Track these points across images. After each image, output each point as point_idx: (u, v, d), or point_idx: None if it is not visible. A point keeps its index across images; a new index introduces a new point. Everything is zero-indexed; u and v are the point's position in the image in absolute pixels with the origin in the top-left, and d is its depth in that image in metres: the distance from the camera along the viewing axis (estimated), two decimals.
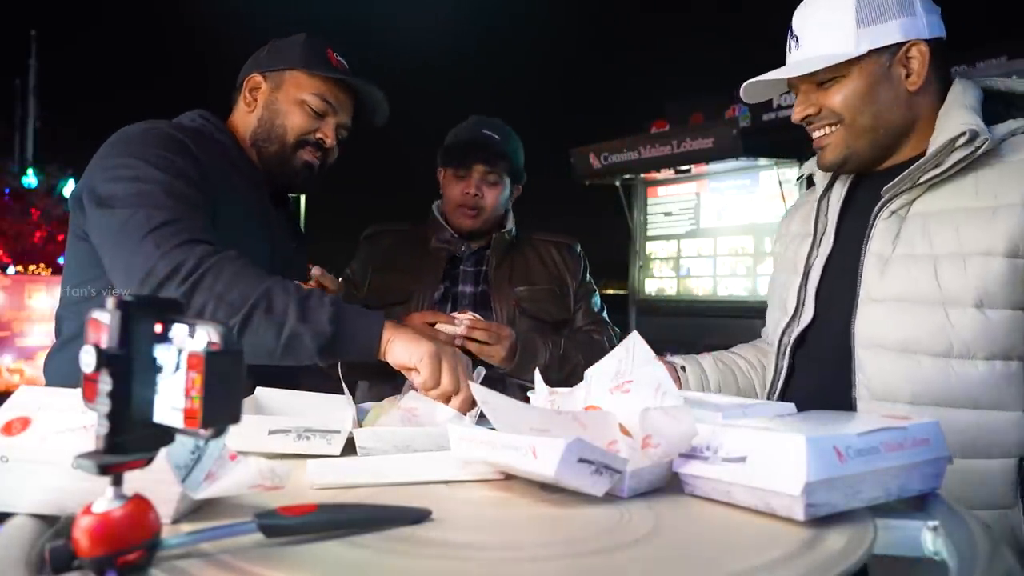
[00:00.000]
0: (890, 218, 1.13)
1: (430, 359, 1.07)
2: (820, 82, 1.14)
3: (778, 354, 1.25)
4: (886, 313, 1.09)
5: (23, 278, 7.42)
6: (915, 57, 1.10)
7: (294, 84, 1.43)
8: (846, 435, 0.67)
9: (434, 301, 1.75)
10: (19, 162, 10.96)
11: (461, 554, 0.58)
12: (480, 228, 1.81)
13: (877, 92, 1.11)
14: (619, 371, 0.87)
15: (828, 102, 1.14)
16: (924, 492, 0.73)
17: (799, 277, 1.23)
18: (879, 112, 1.12)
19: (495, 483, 0.78)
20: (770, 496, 0.66)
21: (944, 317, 1.05)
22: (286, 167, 1.44)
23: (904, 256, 1.09)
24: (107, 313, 0.48)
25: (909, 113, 1.13)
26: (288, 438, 0.92)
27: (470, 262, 1.83)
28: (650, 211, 8.48)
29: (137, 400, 0.48)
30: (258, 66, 1.48)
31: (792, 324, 1.23)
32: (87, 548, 0.48)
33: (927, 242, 1.08)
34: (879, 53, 1.10)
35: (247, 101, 1.47)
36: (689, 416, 0.73)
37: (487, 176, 1.77)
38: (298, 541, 0.58)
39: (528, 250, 1.88)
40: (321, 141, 1.44)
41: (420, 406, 1.07)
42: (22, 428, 0.66)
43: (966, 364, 1.04)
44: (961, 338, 1.04)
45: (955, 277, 1.04)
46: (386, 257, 1.86)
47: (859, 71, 1.11)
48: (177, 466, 0.63)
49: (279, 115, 1.43)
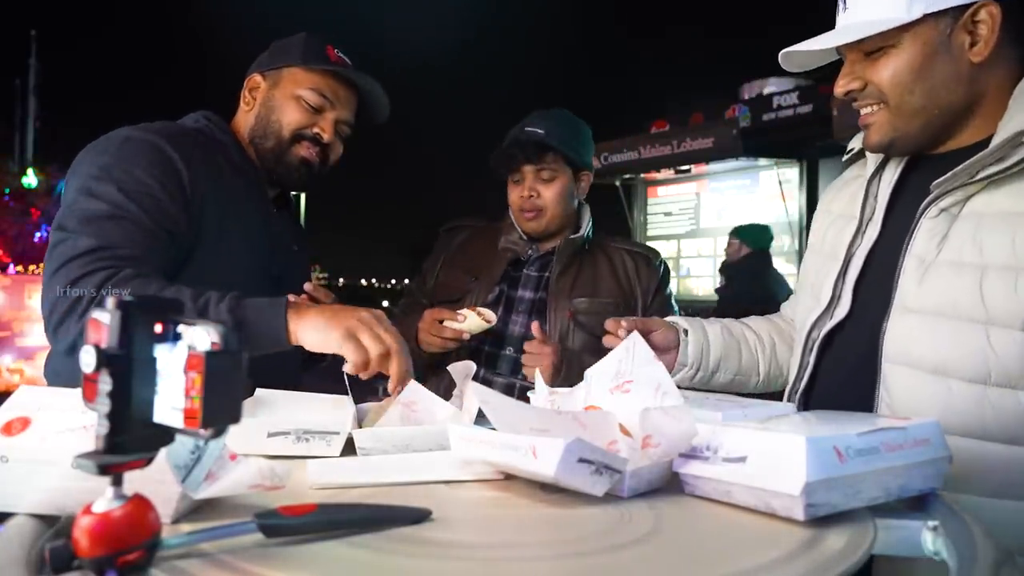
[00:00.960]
0: (939, 216, 0.99)
1: (346, 339, 1.04)
2: (867, 52, 0.99)
3: (805, 348, 1.12)
4: (920, 326, 0.97)
5: (23, 278, 7.41)
6: (983, 21, 0.94)
7: (291, 80, 1.42)
8: (846, 435, 0.67)
9: (487, 303, 1.69)
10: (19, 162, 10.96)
11: (461, 554, 0.58)
12: (547, 229, 1.73)
13: (932, 65, 0.96)
14: (619, 371, 0.87)
15: (875, 76, 0.99)
16: (924, 492, 0.73)
17: (838, 266, 1.10)
18: (933, 89, 0.97)
19: (495, 483, 0.78)
20: (770, 496, 0.66)
21: (984, 339, 0.92)
22: (283, 163, 1.42)
23: (948, 262, 0.96)
24: (107, 313, 0.48)
25: (971, 90, 0.98)
26: (287, 440, 0.92)
27: (535, 266, 1.76)
28: (650, 211, 8.50)
29: (137, 400, 0.48)
30: (259, 67, 1.47)
31: (824, 318, 1.10)
32: (87, 548, 0.48)
33: (976, 249, 0.94)
34: (937, 18, 0.94)
35: (246, 101, 1.46)
36: (689, 416, 0.73)
37: (539, 174, 1.70)
38: (298, 541, 0.58)
39: (601, 257, 1.78)
40: (318, 136, 1.42)
41: (419, 400, 1.06)
42: (22, 428, 0.66)
43: (1005, 394, 0.91)
44: (1002, 365, 0.91)
45: (1003, 293, 0.91)
46: (456, 253, 1.83)
47: (912, 39, 0.95)
48: (177, 466, 0.63)
49: (275, 111, 1.42)
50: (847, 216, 1.14)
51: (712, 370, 1.26)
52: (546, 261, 1.76)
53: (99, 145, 1.28)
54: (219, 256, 1.31)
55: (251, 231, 1.38)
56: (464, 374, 1.08)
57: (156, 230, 1.21)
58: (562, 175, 1.71)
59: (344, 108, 1.45)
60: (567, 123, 1.74)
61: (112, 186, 1.20)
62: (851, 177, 1.22)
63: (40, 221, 9.20)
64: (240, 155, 1.43)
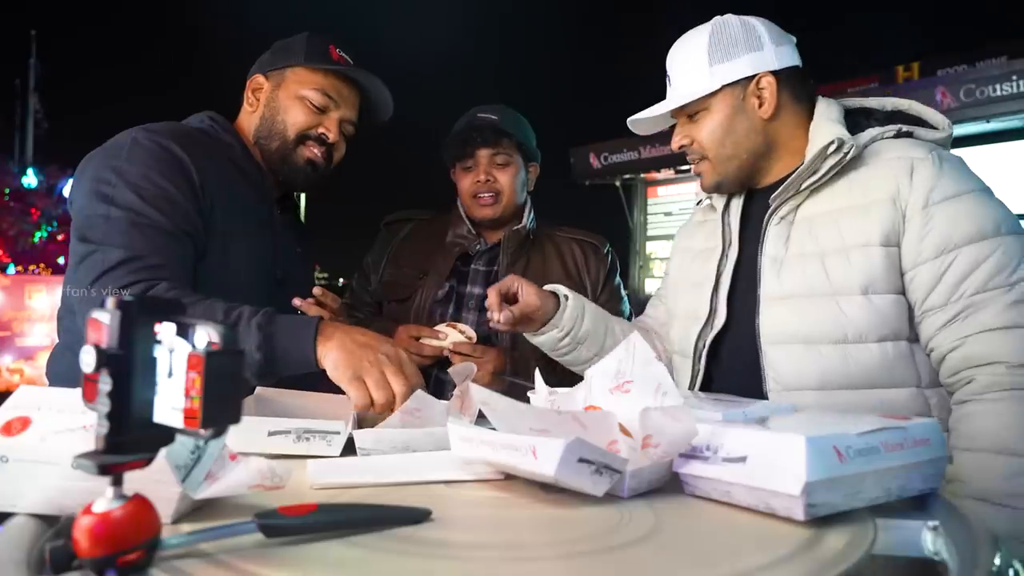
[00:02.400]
0: (780, 223, 1.24)
1: (353, 384, 1.04)
2: (690, 115, 1.27)
3: (694, 359, 1.31)
4: (786, 309, 1.19)
5: (23, 278, 7.41)
6: (765, 87, 1.23)
7: (295, 80, 1.42)
8: (846, 435, 0.67)
9: (436, 300, 1.68)
10: (19, 162, 10.95)
11: (461, 554, 0.58)
12: (502, 215, 1.71)
13: (734, 122, 1.24)
14: (619, 371, 0.87)
15: (697, 134, 1.27)
16: (924, 492, 0.73)
17: (710, 285, 1.32)
18: (738, 140, 1.25)
19: (495, 483, 0.78)
20: (770, 496, 0.66)
21: (837, 307, 1.15)
22: (288, 164, 1.43)
23: (796, 256, 1.20)
24: (107, 313, 0.48)
25: (768, 138, 1.26)
26: (288, 439, 0.92)
27: (482, 260, 1.72)
28: (650, 211, 8.49)
29: (137, 400, 0.48)
30: (261, 67, 1.47)
31: (706, 329, 1.30)
32: (87, 548, 0.48)
33: (814, 241, 1.19)
34: (733, 87, 1.23)
35: (250, 102, 1.46)
36: (689, 416, 0.73)
37: (494, 158, 1.68)
38: (298, 541, 0.58)
39: (548, 247, 1.76)
40: (324, 136, 1.42)
41: (422, 408, 1.06)
42: (22, 428, 0.66)
43: (860, 348, 1.13)
44: (854, 324, 1.13)
45: (841, 269, 1.15)
46: (400, 249, 1.78)
47: (718, 104, 1.24)
48: (177, 466, 0.63)
49: (279, 111, 1.42)
50: (709, 248, 1.38)
51: (580, 340, 1.40)
52: (494, 255, 1.72)
53: (108, 149, 1.27)
54: (226, 258, 1.31)
55: (256, 233, 1.38)
56: (464, 375, 1.08)
57: (177, 234, 1.22)
58: (515, 162, 1.70)
59: (348, 107, 1.45)
60: (516, 115, 1.75)
61: (129, 191, 1.20)
62: (699, 220, 1.48)
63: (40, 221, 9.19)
64: (245, 156, 1.42)
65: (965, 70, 6.46)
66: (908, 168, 1.14)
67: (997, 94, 5.75)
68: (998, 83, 5.76)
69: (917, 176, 1.13)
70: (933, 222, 1.11)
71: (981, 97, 5.80)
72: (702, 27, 1.26)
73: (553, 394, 0.96)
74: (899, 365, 1.13)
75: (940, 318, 1.10)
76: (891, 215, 1.13)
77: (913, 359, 1.14)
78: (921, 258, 1.12)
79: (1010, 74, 5.72)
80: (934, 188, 1.12)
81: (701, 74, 1.23)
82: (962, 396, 1.09)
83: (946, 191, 1.12)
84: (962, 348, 1.09)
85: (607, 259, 1.78)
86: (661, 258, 8.25)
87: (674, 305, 1.45)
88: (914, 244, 1.12)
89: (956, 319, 1.09)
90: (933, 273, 1.11)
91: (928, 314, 1.12)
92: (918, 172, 1.13)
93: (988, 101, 5.76)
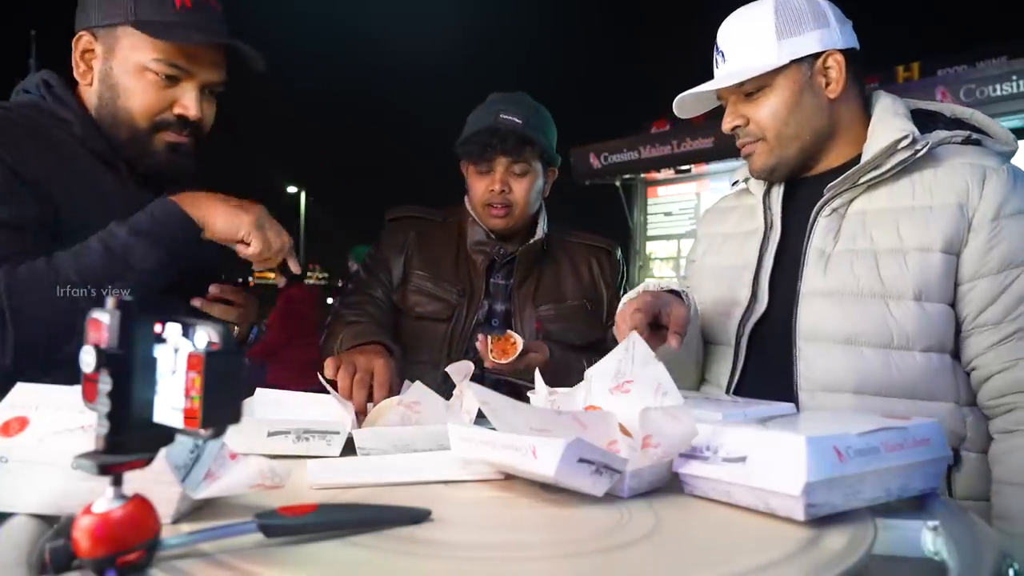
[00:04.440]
0: (831, 215, 1.18)
1: (255, 229, 1.06)
2: (747, 93, 1.19)
3: (736, 345, 1.25)
4: (828, 306, 1.13)
5: None
6: (833, 66, 1.16)
7: (130, 46, 1.12)
8: (846, 435, 0.67)
9: (479, 323, 1.57)
10: None
11: (461, 554, 0.58)
12: (513, 227, 1.61)
13: (801, 100, 1.17)
14: (619, 371, 0.87)
15: (755, 113, 1.19)
16: (924, 492, 0.73)
17: (751, 269, 1.25)
18: (804, 119, 1.18)
19: (495, 483, 0.78)
20: (770, 496, 0.66)
21: (885, 309, 1.09)
22: (146, 155, 1.16)
23: (845, 251, 1.14)
24: (107, 313, 0.48)
25: (832, 120, 1.19)
26: (287, 440, 0.92)
27: (500, 274, 1.63)
28: (650, 211, 8.48)
29: (137, 400, 0.48)
30: (87, 20, 1.15)
31: (748, 315, 1.23)
32: (87, 548, 0.48)
33: (868, 238, 1.13)
34: (800, 63, 1.16)
35: (81, 72, 1.16)
36: (689, 416, 0.73)
37: (512, 167, 1.56)
38: (298, 541, 0.58)
39: (561, 256, 1.68)
40: (182, 117, 1.15)
41: (423, 400, 1.06)
42: (20, 429, 0.66)
43: (905, 356, 1.08)
44: (902, 330, 1.08)
45: (896, 271, 1.09)
46: (423, 255, 1.64)
47: (783, 81, 1.16)
48: (176, 466, 0.63)
49: (119, 93, 1.13)
50: (745, 232, 1.31)
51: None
52: (510, 269, 1.63)
53: None
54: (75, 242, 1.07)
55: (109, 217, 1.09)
56: (463, 374, 1.08)
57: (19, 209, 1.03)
58: (535, 170, 1.59)
59: (208, 69, 1.16)
60: (540, 112, 1.62)
61: None
62: (728, 206, 1.41)
63: None
64: (89, 133, 1.15)
65: (965, 70, 6.45)
66: (980, 176, 1.09)
67: (997, 94, 5.74)
68: (998, 83, 5.75)
69: (989, 186, 1.08)
70: (1001, 235, 1.06)
71: (981, 97, 5.79)
72: (762, 1, 1.18)
73: (553, 394, 0.95)
74: (941, 378, 1.08)
75: (992, 336, 1.06)
76: (957, 222, 1.08)
77: (954, 375, 1.09)
78: (983, 271, 1.07)
79: (1010, 74, 5.71)
80: (1007, 201, 1.07)
81: (767, 48, 1.15)
82: (1008, 424, 1.05)
83: (1019, 206, 1.07)
84: (1012, 371, 1.04)
85: (619, 265, 1.74)
86: (661, 258, 8.23)
87: (701, 291, 1.35)
88: (977, 255, 1.07)
89: (1009, 339, 1.05)
90: (993, 288, 1.06)
91: (979, 330, 1.07)
92: (991, 182, 1.08)
93: (988, 101, 5.75)
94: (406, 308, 1.62)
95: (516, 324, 1.58)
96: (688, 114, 1.30)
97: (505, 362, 1.38)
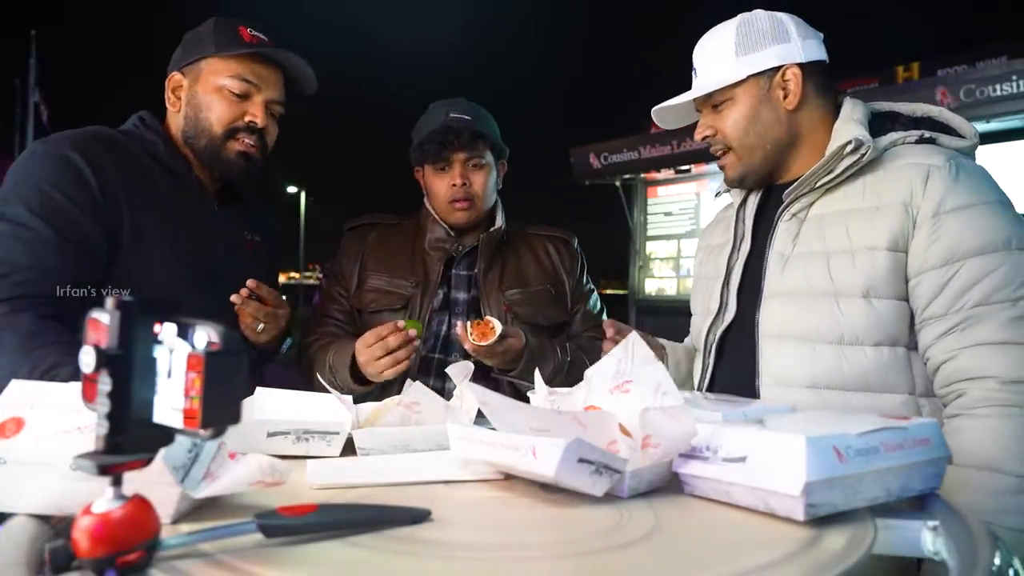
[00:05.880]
0: (791, 220, 1.25)
1: None
2: (715, 105, 1.28)
3: (705, 352, 1.33)
4: (786, 306, 1.21)
5: None
6: (791, 79, 1.23)
7: (210, 71, 1.39)
8: (846, 435, 0.67)
9: (435, 309, 1.65)
10: None
11: (461, 554, 0.58)
12: (476, 219, 1.70)
13: (759, 112, 1.25)
14: (619, 371, 0.87)
15: (721, 124, 1.28)
16: (924, 492, 0.73)
17: (721, 279, 1.34)
18: (764, 130, 1.26)
19: (495, 483, 0.78)
20: (770, 496, 0.66)
21: (836, 307, 1.15)
22: (221, 160, 1.40)
23: (802, 254, 1.21)
24: (107, 313, 0.48)
25: (792, 129, 1.26)
26: (287, 440, 0.92)
27: (463, 265, 1.71)
28: (650, 211, 8.49)
29: (137, 400, 0.48)
30: (176, 64, 1.43)
31: (716, 322, 1.32)
32: (87, 548, 0.48)
33: (821, 240, 1.20)
34: (758, 77, 1.24)
35: (171, 102, 1.43)
36: (689, 416, 0.73)
37: (469, 162, 1.65)
38: (298, 541, 0.58)
39: (522, 246, 1.77)
40: (252, 124, 1.39)
41: (422, 400, 1.06)
42: (16, 430, 0.66)
43: (856, 351, 1.14)
44: (851, 326, 1.14)
45: (845, 271, 1.15)
46: (378, 256, 1.73)
47: (743, 94, 1.25)
48: (175, 467, 0.63)
49: (202, 107, 1.39)
50: (723, 243, 1.40)
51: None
52: (473, 259, 1.71)
53: (22, 157, 1.28)
54: (142, 256, 1.30)
55: (180, 230, 1.36)
56: (463, 374, 1.08)
57: (64, 245, 1.22)
58: (489, 163, 1.69)
59: (270, 88, 1.42)
60: (483, 110, 1.71)
61: (18, 204, 1.21)
62: (720, 218, 1.50)
63: None
64: (169, 153, 1.40)
65: (965, 70, 6.45)
66: (924, 174, 1.13)
67: (997, 94, 5.74)
68: (998, 83, 5.76)
69: (931, 183, 1.12)
70: (942, 230, 1.10)
71: (981, 97, 5.79)
72: (730, 20, 1.28)
73: (553, 394, 0.96)
74: (893, 370, 1.13)
75: (938, 328, 1.10)
76: (901, 220, 1.13)
77: (910, 366, 1.14)
78: (926, 266, 1.11)
79: (1010, 74, 5.71)
80: (947, 196, 1.11)
81: (728, 64, 1.24)
82: (953, 410, 1.09)
83: (959, 200, 1.11)
84: (956, 360, 1.08)
85: (578, 253, 1.82)
86: (661, 258, 8.23)
87: (693, 303, 1.47)
88: (921, 251, 1.11)
89: (954, 330, 1.09)
90: (937, 282, 1.10)
91: (928, 323, 1.12)
92: (933, 179, 1.12)
93: (988, 101, 5.76)
94: (363, 307, 1.70)
95: (484, 309, 1.65)
96: (669, 125, 1.40)
97: (485, 344, 1.45)
